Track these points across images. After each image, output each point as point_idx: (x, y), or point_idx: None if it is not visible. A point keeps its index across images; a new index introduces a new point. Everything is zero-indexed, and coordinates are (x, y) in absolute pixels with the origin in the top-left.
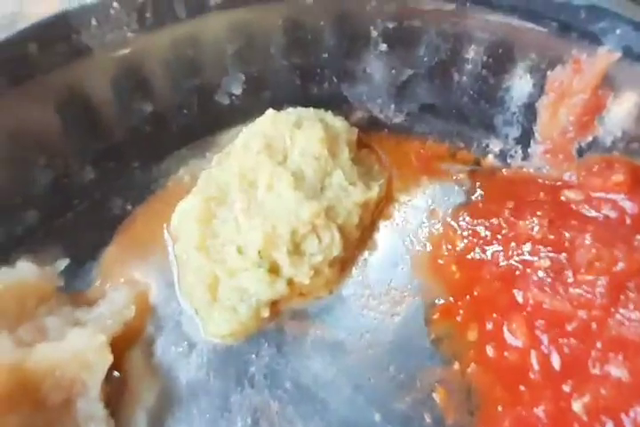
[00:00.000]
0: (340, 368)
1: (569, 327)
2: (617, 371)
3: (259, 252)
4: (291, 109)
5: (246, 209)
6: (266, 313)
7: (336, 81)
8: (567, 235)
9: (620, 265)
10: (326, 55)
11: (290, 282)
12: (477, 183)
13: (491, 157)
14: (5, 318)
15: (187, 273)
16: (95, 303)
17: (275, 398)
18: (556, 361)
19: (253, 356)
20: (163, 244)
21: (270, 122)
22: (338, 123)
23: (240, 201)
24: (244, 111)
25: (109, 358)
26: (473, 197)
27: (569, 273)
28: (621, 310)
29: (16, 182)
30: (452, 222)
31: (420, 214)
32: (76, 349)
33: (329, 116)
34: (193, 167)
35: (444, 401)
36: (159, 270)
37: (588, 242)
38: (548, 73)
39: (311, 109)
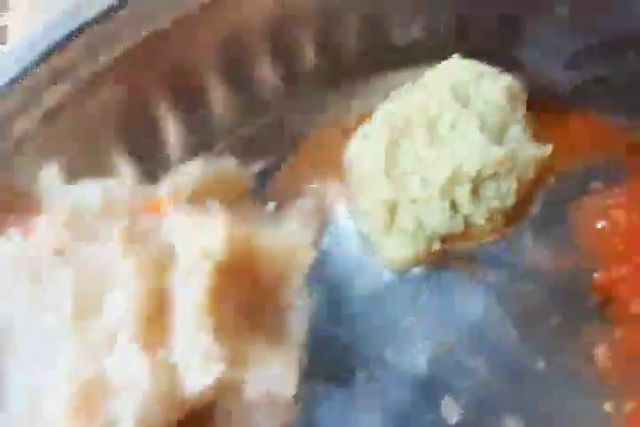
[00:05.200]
0: (505, 311)
1: None
2: None
3: (442, 185)
4: (472, 61)
5: (428, 143)
6: (437, 246)
7: (508, 40)
8: None
9: None
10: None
11: (466, 222)
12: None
13: None
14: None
15: (365, 196)
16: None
17: (445, 329)
18: None
19: (423, 285)
20: (339, 167)
21: (456, 67)
22: (516, 83)
23: (422, 135)
24: (421, 55)
25: (314, 253)
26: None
27: None
28: None
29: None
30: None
31: (581, 186)
32: (289, 240)
33: (505, 74)
34: (365, 102)
35: (606, 361)
36: (334, 194)
37: None
38: None
39: (491, 68)
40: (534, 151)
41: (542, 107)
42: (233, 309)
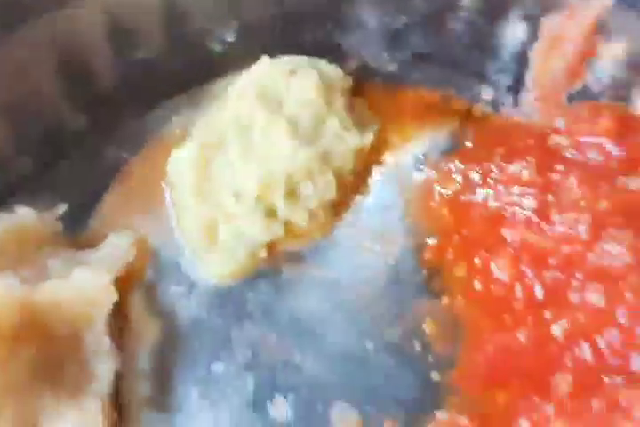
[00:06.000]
0: (335, 304)
1: (552, 261)
2: (594, 298)
3: (255, 196)
4: (286, 58)
5: (242, 154)
6: (263, 254)
7: (330, 28)
8: (554, 177)
9: (603, 204)
10: (321, 1)
11: (286, 224)
12: (468, 130)
13: (482, 104)
14: (7, 260)
15: (185, 218)
16: (95, 247)
17: (273, 332)
18: (538, 292)
19: (251, 294)
20: (160, 191)
21: (265, 69)
22: (332, 71)
23: (235, 146)
24: (237, 59)
25: (114, 295)
26: (464, 144)
27: (554, 213)
28: (602, 245)
29: (7, 129)
30: (444, 167)
31: (412, 160)
32: (81, 286)
33: (323, 64)
34: (187, 116)
35: (433, 331)
36: (158, 217)
37: (573, 183)
38: (542, 19)
39: (305, 58)
40: (353, 142)
41: (372, 88)
42: (25, 366)
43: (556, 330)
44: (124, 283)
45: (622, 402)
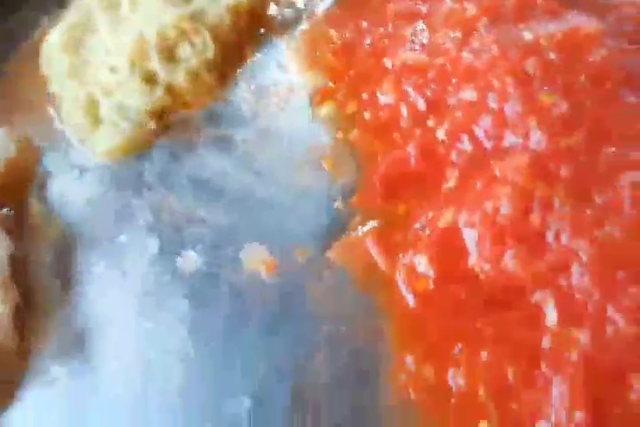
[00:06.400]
0: (233, 158)
1: (430, 75)
2: (468, 94)
3: (130, 63)
4: None
5: (112, 28)
6: (152, 125)
7: None
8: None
9: (472, 11)
10: None
11: (170, 90)
12: None
13: None
14: None
15: (65, 103)
16: None
17: (173, 194)
18: (421, 105)
19: (147, 164)
20: (40, 90)
21: None
22: None
23: (104, 22)
24: None
25: None
26: None
27: (427, 35)
28: (470, 46)
29: None
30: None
31: (296, 16)
32: None
33: None
34: (56, 15)
35: (331, 166)
36: (41, 116)
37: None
38: None
39: None
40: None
41: None
42: None
43: (440, 133)
44: (17, 185)
45: (498, 173)
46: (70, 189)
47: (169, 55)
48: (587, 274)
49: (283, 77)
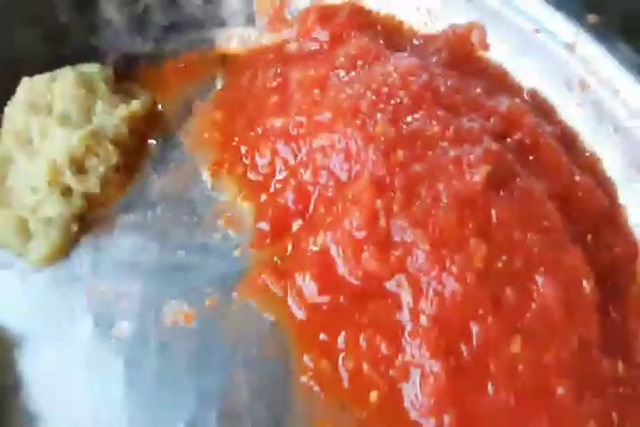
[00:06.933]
0: (148, 235)
1: (292, 132)
2: (323, 141)
3: (47, 182)
4: (47, 73)
5: (29, 160)
6: (75, 227)
7: (83, 36)
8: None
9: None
10: (66, 13)
11: (86, 196)
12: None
13: (233, 45)
14: None
15: None
16: None
17: (100, 278)
18: (291, 159)
19: (75, 261)
20: None
21: (27, 87)
22: (90, 67)
23: (21, 156)
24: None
25: None
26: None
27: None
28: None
29: None
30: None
31: (186, 113)
32: None
33: (81, 66)
34: None
35: (227, 223)
36: None
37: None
38: None
39: (65, 67)
40: (121, 112)
41: (143, 72)
42: None
43: (307, 175)
44: None
45: (351, 196)
46: (13, 294)
47: (79, 168)
48: (423, 254)
49: (180, 157)
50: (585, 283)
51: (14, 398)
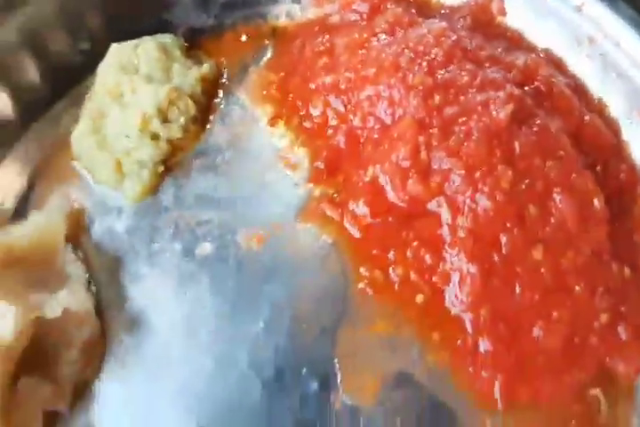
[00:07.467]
0: (220, 175)
1: (342, 86)
2: (369, 91)
3: (140, 130)
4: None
5: (121, 112)
6: (161, 168)
7: (158, 12)
8: (339, 42)
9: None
10: None
11: (169, 142)
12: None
13: (282, 19)
14: None
15: (98, 171)
16: None
17: (183, 210)
18: (340, 108)
19: (162, 196)
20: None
21: (115, 52)
22: (166, 37)
23: (114, 109)
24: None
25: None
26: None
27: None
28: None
29: None
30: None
31: (245, 75)
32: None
33: (159, 35)
34: (71, 115)
35: (287, 165)
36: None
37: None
38: None
39: (145, 36)
40: (194, 73)
41: (206, 43)
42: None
43: (356, 121)
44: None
45: (396, 135)
46: (112, 224)
47: (164, 118)
48: (459, 178)
49: (242, 112)
50: (596, 201)
51: (118, 309)
